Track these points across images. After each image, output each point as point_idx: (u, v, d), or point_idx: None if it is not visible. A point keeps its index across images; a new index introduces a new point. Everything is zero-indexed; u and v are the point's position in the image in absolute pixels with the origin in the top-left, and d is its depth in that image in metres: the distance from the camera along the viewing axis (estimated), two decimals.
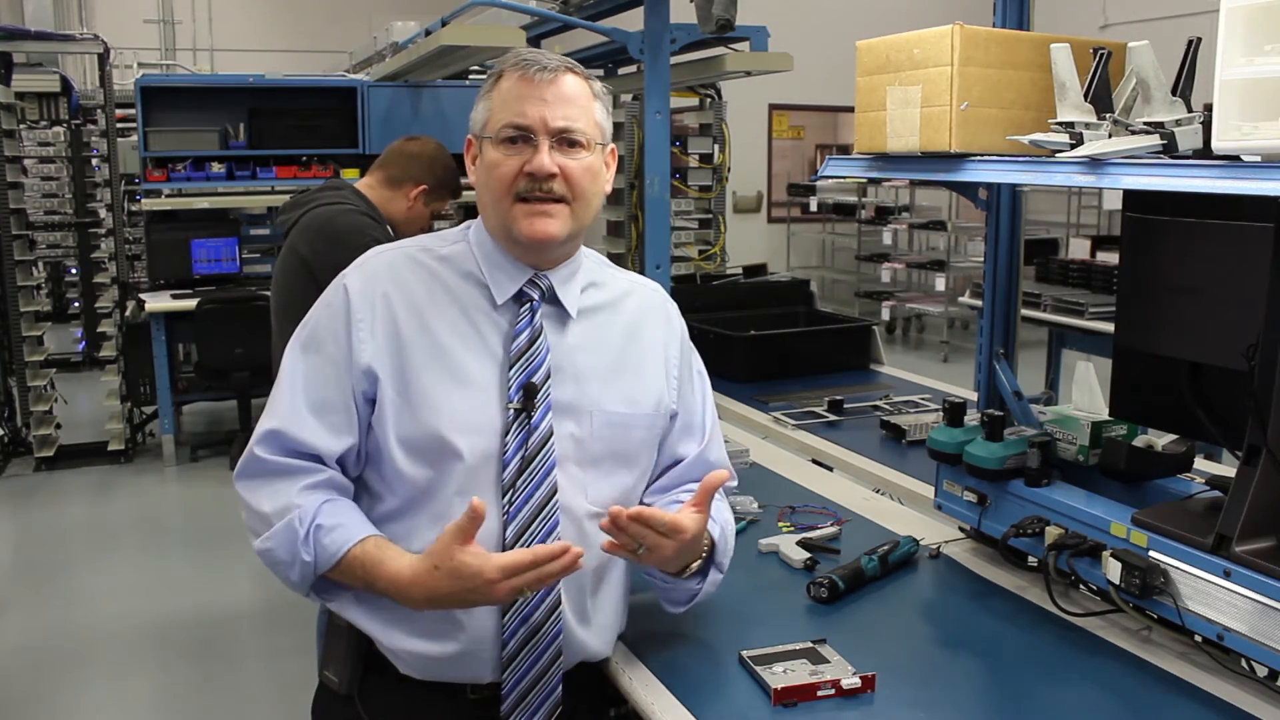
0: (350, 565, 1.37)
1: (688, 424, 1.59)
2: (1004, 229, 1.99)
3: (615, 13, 3.27)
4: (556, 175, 1.42)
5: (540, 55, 1.46)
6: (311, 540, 1.37)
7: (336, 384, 1.43)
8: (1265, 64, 1.23)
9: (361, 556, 1.37)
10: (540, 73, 1.42)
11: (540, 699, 1.43)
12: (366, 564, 1.37)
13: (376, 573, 1.36)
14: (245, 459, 1.44)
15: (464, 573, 1.31)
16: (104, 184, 6.40)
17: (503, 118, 1.42)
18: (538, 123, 1.41)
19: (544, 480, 1.41)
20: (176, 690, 3.47)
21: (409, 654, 1.42)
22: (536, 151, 1.41)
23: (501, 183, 1.43)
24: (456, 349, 1.44)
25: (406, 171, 2.87)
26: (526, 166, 1.41)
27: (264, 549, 1.40)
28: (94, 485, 5.64)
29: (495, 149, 1.43)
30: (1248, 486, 1.42)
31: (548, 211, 1.43)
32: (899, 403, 3.12)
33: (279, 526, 1.38)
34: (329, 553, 1.37)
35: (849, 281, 10.98)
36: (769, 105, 10.92)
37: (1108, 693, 1.46)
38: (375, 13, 9.10)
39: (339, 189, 2.82)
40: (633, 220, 5.76)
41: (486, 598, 1.33)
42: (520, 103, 1.42)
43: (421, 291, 1.46)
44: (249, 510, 1.43)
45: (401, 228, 2.84)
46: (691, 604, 1.53)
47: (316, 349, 1.45)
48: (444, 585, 1.32)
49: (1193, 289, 1.61)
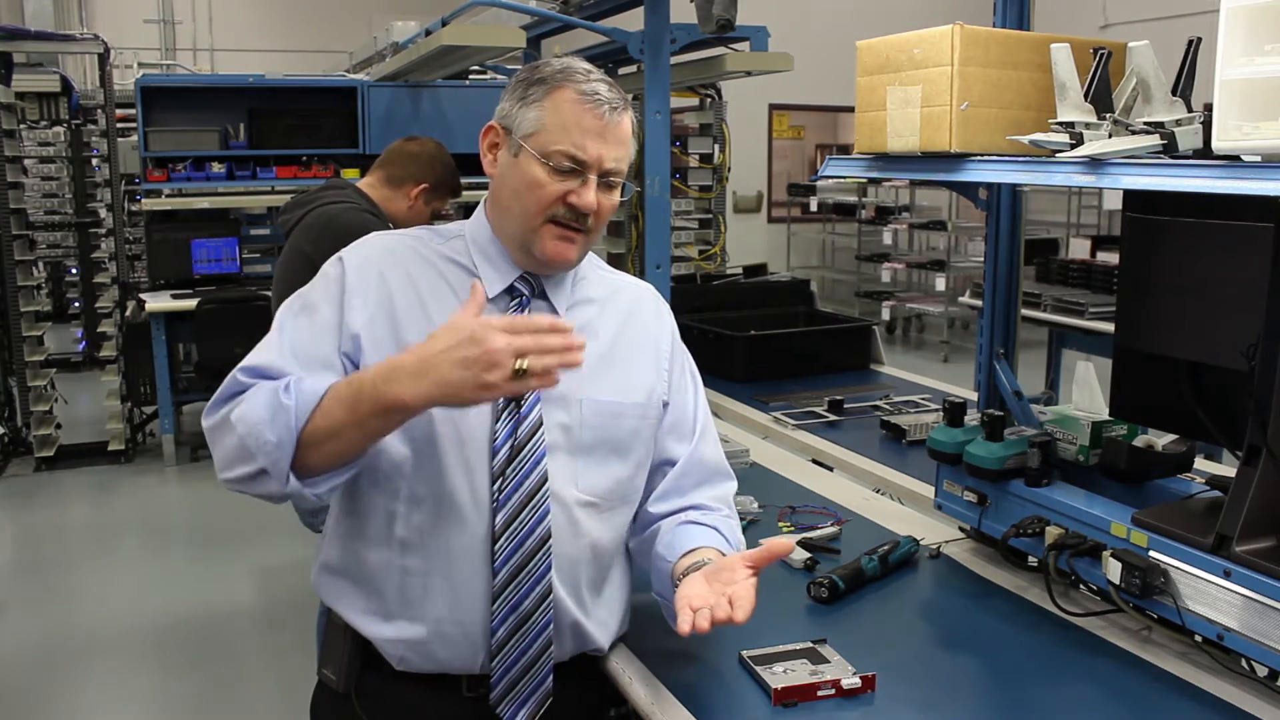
0: (336, 391, 1.30)
1: (678, 422, 1.59)
2: (1004, 229, 1.99)
3: (615, 13, 3.26)
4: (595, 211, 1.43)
5: (599, 82, 1.43)
6: (292, 388, 1.31)
7: (325, 343, 1.41)
8: (1265, 64, 1.23)
9: (348, 376, 1.33)
10: (611, 112, 1.42)
11: (530, 689, 1.43)
12: (353, 377, 1.31)
13: (362, 376, 1.30)
14: (224, 384, 1.39)
15: (460, 321, 1.26)
16: (104, 184, 6.40)
17: (559, 143, 1.40)
18: (595, 161, 1.41)
19: (534, 468, 1.42)
20: (176, 690, 3.47)
21: (398, 641, 1.42)
22: (584, 186, 1.41)
23: (541, 204, 1.42)
24: None
25: (407, 171, 2.90)
26: (571, 197, 1.41)
27: (239, 415, 1.32)
28: (94, 485, 5.64)
29: (541, 167, 1.41)
30: (1248, 486, 1.42)
31: (571, 239, 1.45)
32: (899, 403, 3.12)
33: (253, 392, 1.34)
34: (311, 391, 1.31)
35: (849, 281, 10.98)
36: (769, 105, 10.93)
37: (1108, 693, 1.46)
38: (375, 13, 9.09)
39: (341, 189, 2.83)
40: (633, 220, 5.76)
41: (484, 349, 1.23)
42: (583, 135, 1.40)
43: (418, 275, 1.47)
44: (211, 429, 1.37)
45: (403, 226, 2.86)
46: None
47: (309, 313, 1.44)
48: (439, 341, 1.25)
49: (1193, 289, 1.61)
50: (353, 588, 1.46)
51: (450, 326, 1.27)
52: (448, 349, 1.24)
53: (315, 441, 1.30)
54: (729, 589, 1.34)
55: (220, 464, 1.37)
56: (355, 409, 1.28)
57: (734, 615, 1.30)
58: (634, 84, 4.97)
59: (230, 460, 1.35)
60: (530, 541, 1.41)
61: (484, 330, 1.23)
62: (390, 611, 1.43)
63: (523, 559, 1.41)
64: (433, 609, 1.41)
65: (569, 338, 1.27)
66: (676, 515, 1.55)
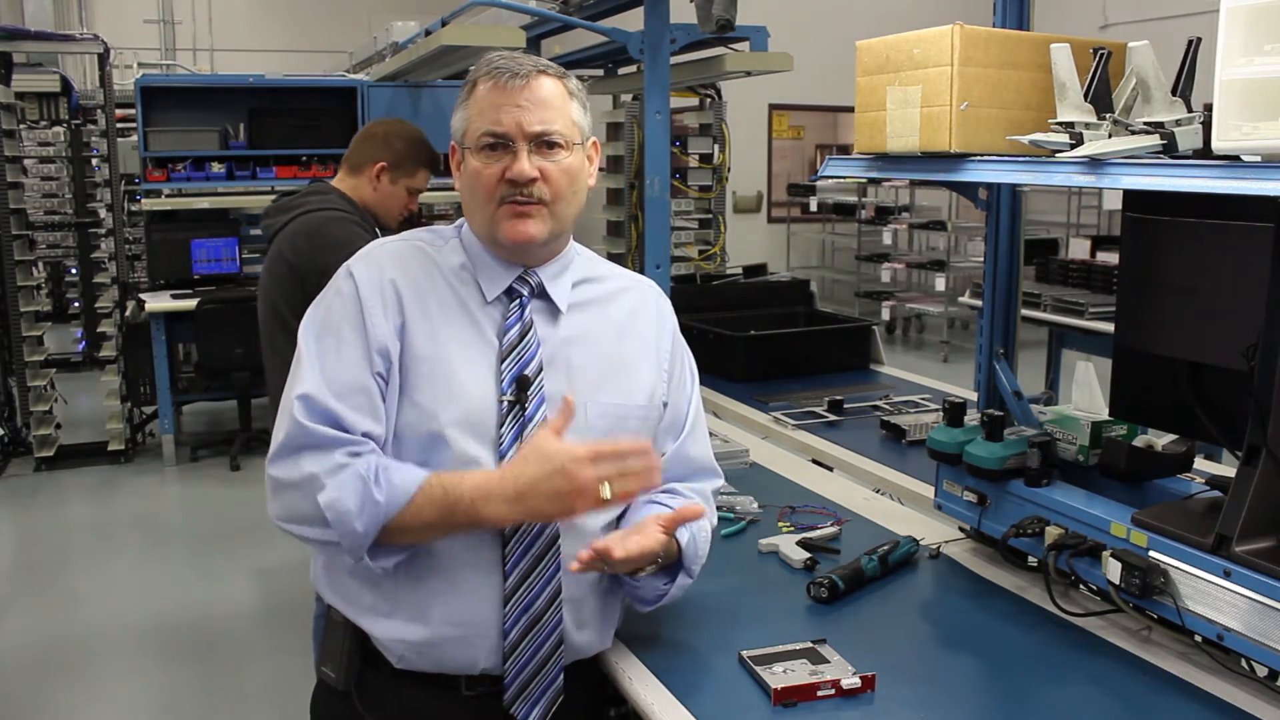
0: (428, 493, 1.34)
1: (671, 420, 1.60)
2: (1004, 229, 1.99)
3: (615, 13, 3.27)
4: (537, 179, 1.44)
5: (512, 60, 1.47)
6: (383, 480, 1.34)
7: (359, 368, 1.41)
8: (1265, 64, 1.23)
9: (439, 479, 1.36)
10: (513, 79, 1.44)
11: (541, 688, 1.44)
12: (446, 484, 1.35)
13: (461, 488, 1.34)
14: (290, 431, 1.37)
15: (551, 451, 1.34)
16: (104, 184, 6.39)
17: (480, 125, 1.45)
18: (514, 129, 1.43)
19: None
20: (176, 690, 3.47)
21: (399, 641, 1.42)
22: (516, 158, 1.43)
23: (485, 190, 1.45)
24: (455, 338, 1.45)
25: (364, 154, 2.80)
26: (507, 173, 1.43)
27: (329, 501, 1.33)
28: (94, 485, 5.64)
29: (476, 157, 1.46)
30: (1248, 486, 1.42)
31: (528, 213, 1.45)
32: (899, 403, 3.12)
33: (342, 476, 1.34)
34: (402, 489, 1.34)
35: (849, 281, 10.98)
36: (769, 105, 10.92)
37: (1108, 693, 1.46)
38: (375, 13, 9.09)
39: (325, 193, 2.77)
40: (633, 220, 5.76)
41: (574, 483, 1.33)
42: (496, 110, 1.44)
43: (424, 279, 1.48)
44: (285, 484, 1.37)
45: (380, 214, 2.80)
46: (659, 604, 1.53)
47: (334, 335, 1.43)
48: (531, 470, 1.33)
49: (1193, 289, 1.61)
50: (356, 586, 1.46)
51: (540, 455, 1.34)
52: (540, 480, 1.34)
53: (398, 532, 1.36)
54: (633, 536, 1.42)
55: (284, 515, 1.39)
56: (447, 519, 1.36)
57: (611, 549, 1.37)
58: (634, 84, 4.99)
59: (302, 520, 1.37)
60: (540, 543, 1.42)
61: (575, 466, 1.33)
62: (393, 610, 1.43)
63: (533, 561, 1.42)
64: (437, 610, 1.41)
65: (650, 459, 1.38)
66: (647, 499, 1.56)
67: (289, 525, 1.39)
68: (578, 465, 1.33)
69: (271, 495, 1.40)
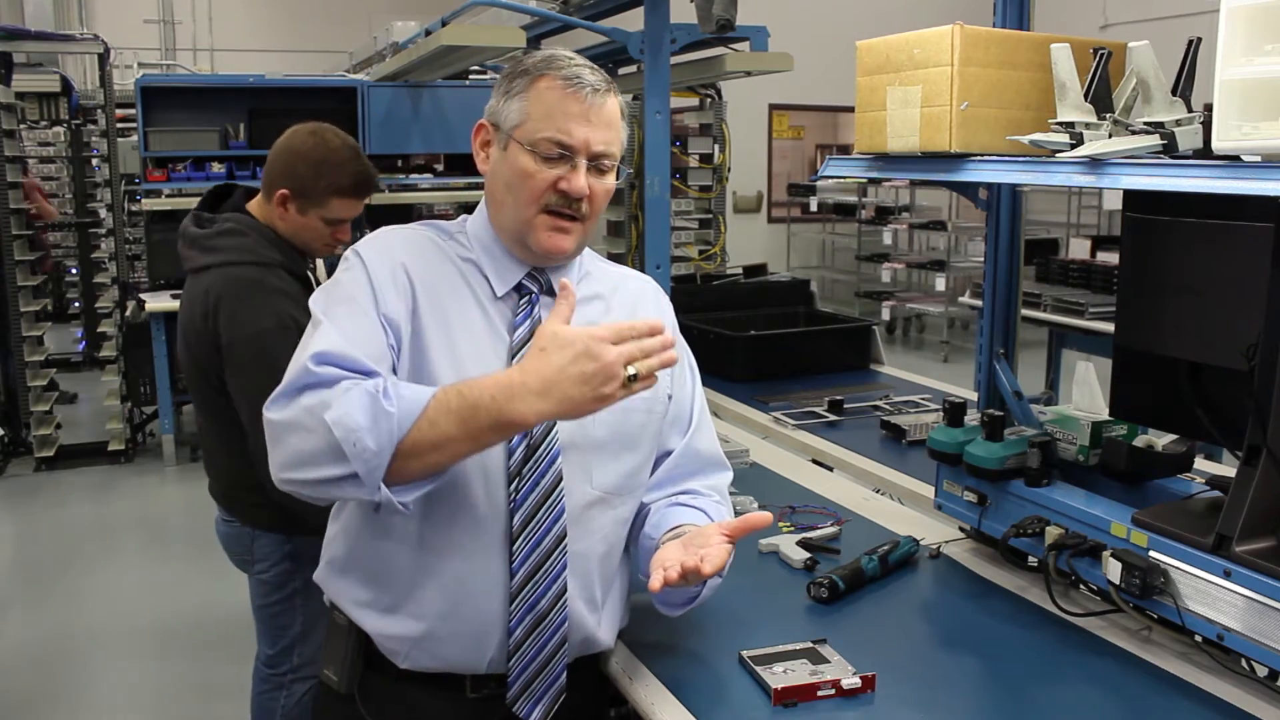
0: (443, 401, 1.26)
1: (678, 415, 1.60)
2: (1004, 229, 1.99)
3: (615, 13, 3.26)
4: (586, 196, 1.43)
5: (581, 67, 1.44)
6: (392, 394, 1.27)
7: (377, 336, 1.37)
8: (1265, 64, 1.23)
9: (454, 388, 1.28)
10: (592, 94, 1.41)
11: (544, 687, 1.44)
12: (462, 388, 1.27)
13: (479, 390, 1.26)
14: (293, 375, 1.30)
15: (570, 336, 1.26)
16: (104, 184, 6.40)
17: (545, 130, 1.41)
18: (582, 145, 1.41)
19: (550, 467, 1.42)
20: (177, 690, 3.47)
21: (403, 638, 1.42)
22: (574, 171, 1.41)
23: (533, 193, 1.42)
24: (466, 329, 1.44)
25: (268, 177, 2.29)
26: (561, 184, 1.41)
27: (336, 417, 1.24)
28: (94, 485, 5.64)
29: (530, 157, 1.42)
30: (1248, 486, 1.42)
31: (566, 229, 1.44)
32: (899, 403, 3.12)
33: (349, 394, 1.26)
34: (414, 400, 1.27)
35: (849, 281, 10.98)
36: (769, 105, 10.92)
37: (1108, 693, 1.46)
38: (375, 13, 9.09)
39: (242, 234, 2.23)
40: (633, 220, 5.76)
41: (599, 363, 1.24)
42: (568, 120, 1.40)
43: (436, 267, 1.47)
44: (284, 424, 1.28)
45: (299, 245, 2.29)
46: (689, 607, 1.53)
47: (351, 303, 1.39)
48: (554, 359, 1.25)
49: (1193, 289, 1.60)
50: (359, 583, 1.46)
51: (560, 341, 1.26)
52: (566, 365, 1.25)
53: (416, 452, 1.27)
54: (702, 550, 1.34)
55: (291, 462, 1.29)
56: (469, 424, 1.26)
57: (701, 566, 1.30)
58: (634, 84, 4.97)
59: (310, 460, 1.27)
60: (547, 540, 1.42)
61: (598, 345, 1.25)
62: (397, 606, 1.43)
63: (540, 558, 1.41)
64: (442, 606, 1.41)
65: (666, 337, 1.29)
66: (667, 499, 1.56)
67: (296, 472, 1.28)
68: (601, 346, 1.25)
69: (273, 445, 1.30)
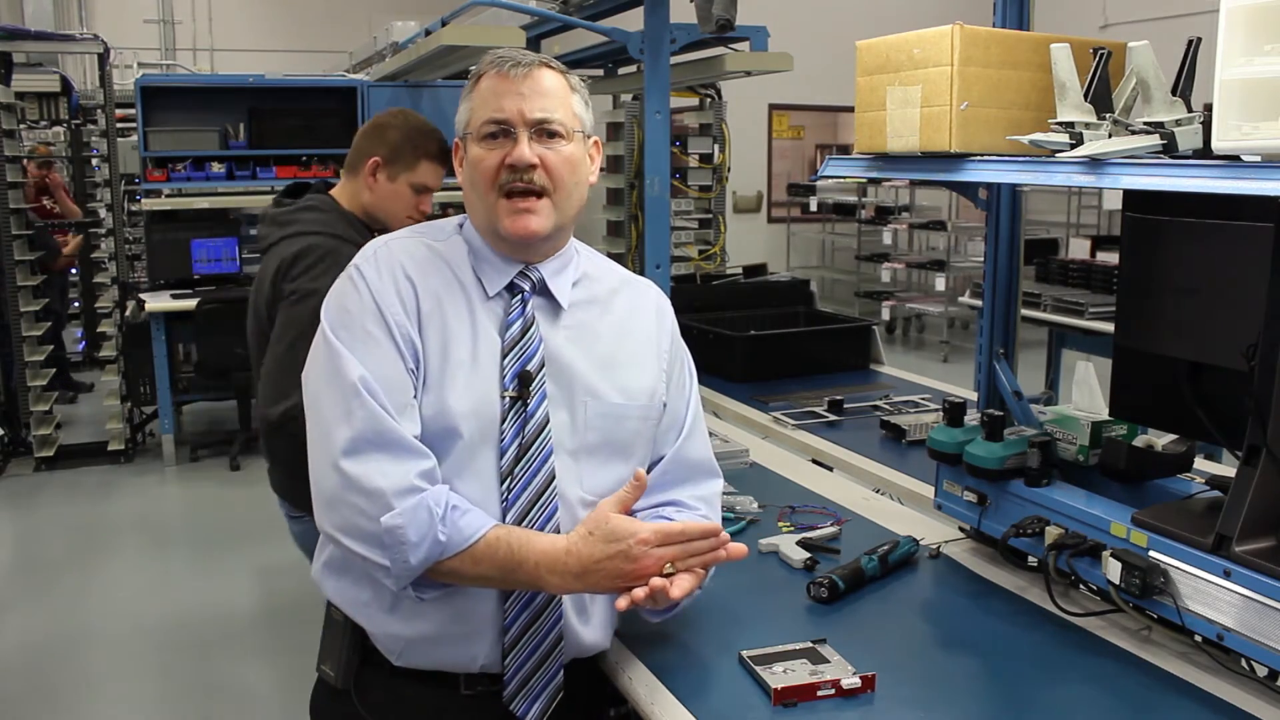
0: (492, 546, 1.35)
1: (672, 422, 1.59)
2: (1004, 229, 1.99)
3: (615, 13, 3.27)
4: (537, 165, 1.44)
5: (515, 53, 1.50)
6: (448, 520, 1.34)
7: (394, 364, 1.40)
8: (1265, 64, 1.23)
9: (506, 536, 1.36)
10: (515, 68, 1.46)
11: (541, 685, 1.44)
12: (513, 543, 1.36)
13: (527, 550, 1.35)
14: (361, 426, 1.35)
15: (619, 533, 1.35)
16: (104, 184, 6.41)
17: (482, 114, 1.46)
18: (515, 115, 1.44)
19: (541, 467, 1.43)
20: (176, 689, 3.47)
21: (398, 637, 1.43)
22: (516, 144, 1.44)
23: (485, 177, 1.46)
24: (462, 333, 1.45)
25: (357, 152, 2.46)
26: (507, 159, 1.44)
27: (392, 525, 1.33)
28: (94, 485, 5.64)
29: (477, 145, 1.47)
30: (1248, 486, 1.42)
31: (530, 208, 1.45)
32: (899, 403, 3.12)
33: (410, 504, 1.33)
34: (464, 534, 1.34)
35: (849, 281, 10.98)
36: (769, 105, 10.92)
37: (1108, 693, 1.46)
38: (375, 13, 9.10)
39: (324, 210, 2.39)
40: (633, 220, 5.77)
41: (637, 565, 1.35)
42: (498, 98, 1.45)
43: (434, 274, 1.48)
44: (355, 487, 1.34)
45: (384, 219, 2.42)
46: (671, 615, 1.52)
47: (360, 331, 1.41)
48: (597, 550, 1.35)
49: (1193, 289, 1.60)
50: (355, 582, 1.46)
51: (606, 534, 1.36)
52: (604, 560, 1.35)
53: (450, 574, 1.37)
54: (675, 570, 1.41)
55: (339, 525, 1.37)
56: (507, 576, 1.37)
57: (669, 589, 1.38)
58: (634, 84, 4.99)
59: (355, 535, 1.36)
60: None
61: (639, 549, 1.36)
62: (393, 606, 1.43)
63: None
64: (436, 606, 1.41)
65: (716, 539, 1.40)
66: (652, 510, 1.55)
67: (340, 535, 1.37)
68: (642, 548, 1.35)
69: (332, 498, 1.37)
